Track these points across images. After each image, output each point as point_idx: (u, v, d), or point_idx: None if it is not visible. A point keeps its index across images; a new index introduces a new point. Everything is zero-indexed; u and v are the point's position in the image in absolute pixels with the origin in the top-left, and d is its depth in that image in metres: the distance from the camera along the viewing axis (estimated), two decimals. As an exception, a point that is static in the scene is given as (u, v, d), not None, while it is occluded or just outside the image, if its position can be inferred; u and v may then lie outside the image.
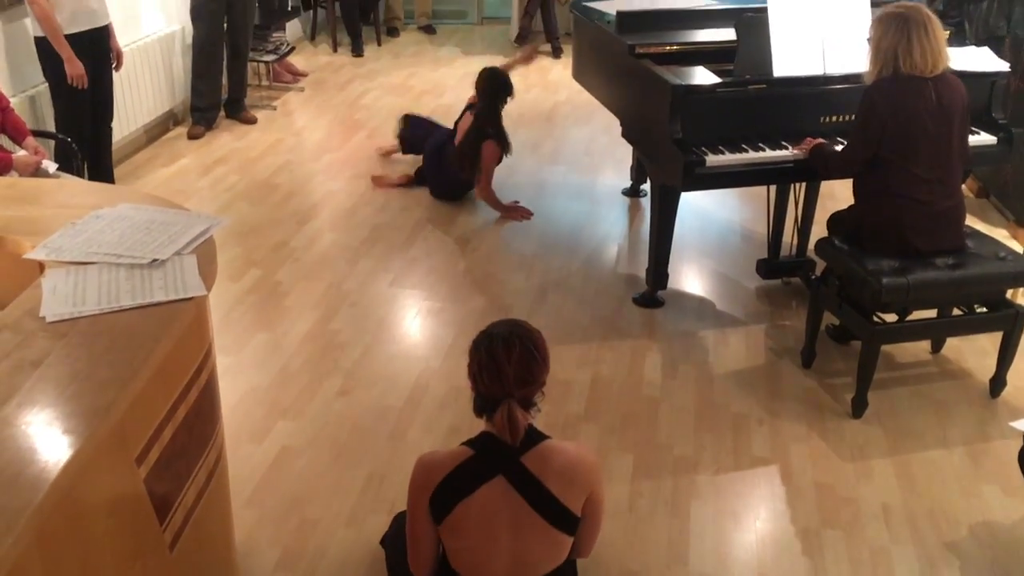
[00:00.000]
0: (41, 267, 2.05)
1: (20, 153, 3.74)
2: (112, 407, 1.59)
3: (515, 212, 4.77)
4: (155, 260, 2.05)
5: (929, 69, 3.05)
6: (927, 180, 3.12)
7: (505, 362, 1.86)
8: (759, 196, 4.33)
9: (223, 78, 5.95)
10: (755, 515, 2.81)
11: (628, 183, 5.10)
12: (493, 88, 4.72)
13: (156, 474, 1.80)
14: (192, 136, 5.75)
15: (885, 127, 3.08)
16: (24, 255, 2.09)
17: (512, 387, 1.88)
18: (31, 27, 4.29)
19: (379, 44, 7.98)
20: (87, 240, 2.13)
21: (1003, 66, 3.69)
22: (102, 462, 1.60)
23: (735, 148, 3.48)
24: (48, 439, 1.51)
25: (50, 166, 3.75)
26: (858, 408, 3.24)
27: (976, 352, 3.61)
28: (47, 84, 4.40)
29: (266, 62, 6.54)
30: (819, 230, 3.80)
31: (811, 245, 3.96)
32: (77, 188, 2.82)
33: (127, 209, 2.29)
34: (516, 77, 6.92)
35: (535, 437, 1.94)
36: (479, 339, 1.93)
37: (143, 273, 2.01)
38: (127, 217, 2.25)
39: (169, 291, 1.95)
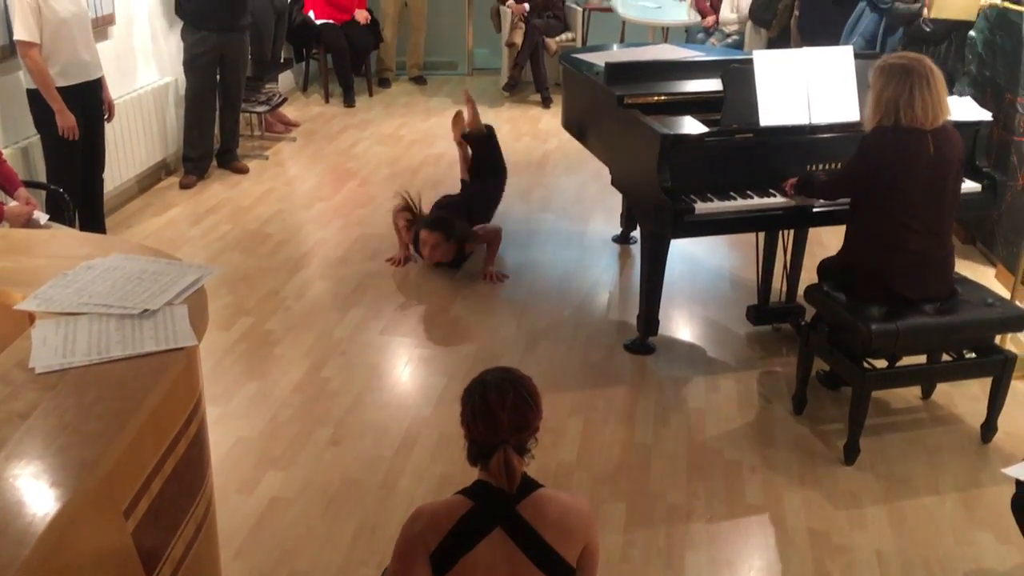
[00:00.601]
0: (31, 318, 2.05)
1: (11, 204, 3.74)
2: (100, 460, 1.58)
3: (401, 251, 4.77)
4: (146, 310, 2.05)
5: (930, 122, 3.05)
6: (919, 231, 3.12)
7: (499, 408, 1.87)
8: (748, 243, 4.36)
9: (215, 128, 6.00)
10: (749, 564, 2.78)
11: (618, 230, 5.13)
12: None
13: (144, 527, 1.78)
14: (184, 186, 5.77)
15: (879, 175, 3.09)
16: (14, 306, 2.09)
17: (507, 433, 1.88)
18: (24, 79, 4.33)
19: (371, 95, 8.07)
20: (78, 290, 2.13)
21: (986, 115, 3.75)
22: (90, 515, 1.58)
23: (723, 196, 3.51)
24: (35, 492, 1.49)
25: (41, 217, 3.76)
26: (850, 454, 3.23)
27: (966, 398, 3.61)
28: (39, 135, 4.43)
29: (258, 112, 6.59)
30: (808, 276, 3.83)
31: (800, 291, 3.98)
32: (68, 238, 2.82)
33: (118, 259, 2.30)
34: (507, 127, 7.06)
35: (530, 485, 1.94)
36: (472, 386, 1.94)
37: (134, 323, 2.01)
38: (118, 267, 2.25)
39: (160, 341, 1.95)
